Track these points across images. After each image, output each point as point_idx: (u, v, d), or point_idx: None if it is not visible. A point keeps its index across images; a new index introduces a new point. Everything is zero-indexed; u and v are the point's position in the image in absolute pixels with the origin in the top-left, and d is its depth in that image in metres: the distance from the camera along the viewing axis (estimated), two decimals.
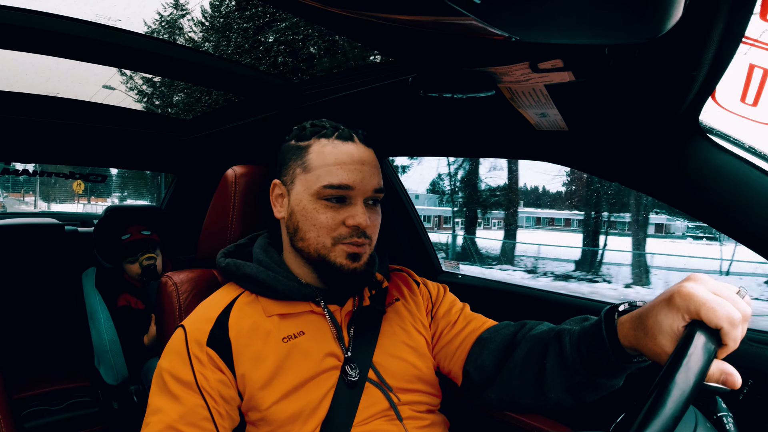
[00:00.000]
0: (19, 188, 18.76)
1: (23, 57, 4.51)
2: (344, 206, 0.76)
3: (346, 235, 0.76)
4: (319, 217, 0.75)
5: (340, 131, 0.78)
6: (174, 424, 0.68)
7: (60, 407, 1.61)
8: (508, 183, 13.56)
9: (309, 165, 0.77)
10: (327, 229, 0.75)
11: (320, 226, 0.75)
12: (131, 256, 1.79)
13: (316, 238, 0.76)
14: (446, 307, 0.91)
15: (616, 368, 0.62)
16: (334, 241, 0.76)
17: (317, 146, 0.77)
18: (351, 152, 0.77)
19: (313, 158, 0.77)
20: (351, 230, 0.76)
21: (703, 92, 0.74)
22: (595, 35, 0.53)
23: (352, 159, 0.76)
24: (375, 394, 0.78)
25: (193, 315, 0.78)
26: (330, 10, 0.55)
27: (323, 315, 0.80)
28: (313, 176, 0.76)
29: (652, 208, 12.49)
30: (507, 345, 0.78)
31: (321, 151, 0.76)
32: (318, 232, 0.76)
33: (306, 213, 0.76)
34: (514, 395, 0.75)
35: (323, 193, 0.75)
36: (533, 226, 22.66)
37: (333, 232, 0.76)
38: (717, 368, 0.49)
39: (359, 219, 0.75)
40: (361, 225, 0.75)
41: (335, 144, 0.77)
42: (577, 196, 14.56)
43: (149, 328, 1.67)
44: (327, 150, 0.76)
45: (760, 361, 0.89)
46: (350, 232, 0.76)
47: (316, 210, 0.76)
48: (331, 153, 0.76)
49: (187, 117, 8.34)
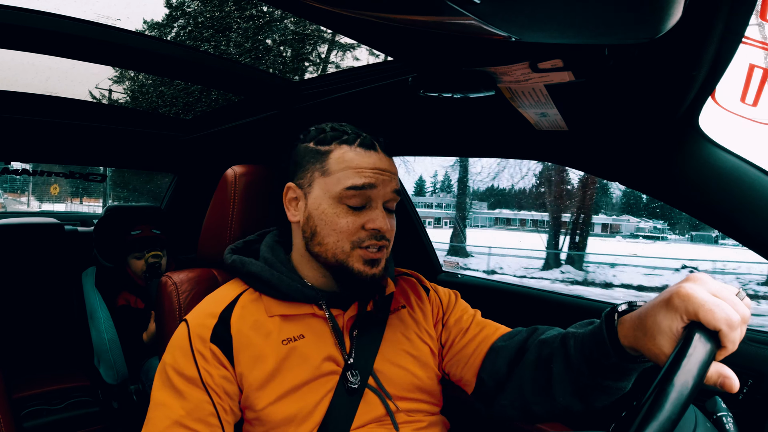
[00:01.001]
0: (17, 189, 18.81)
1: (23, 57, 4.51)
2: (364, 211, 0.76)
3: (365, 238, 0.75)
4: (340, 221, 0.75)
5: (362, 138, 0.78)
6: (181, 420, 0.68)
7: (60, 407, 1.61)
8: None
9: (329, 169, 0.76)
10: (347, 233, 0.75)
11: (340, 231, 0.75)
12: (138, 252, 1.79)
13: (336, 243, 0.75)
14: (458, 314, 0.89)
15: (620, 369, 0.62)
16: (353, 245, 0.75)
17: (338, 152, 0.76)
18: (373, 160, 0.76)
19: (334, 163, 0.76)
20: (370, 234, 0.75)
21: (703, 92, 0.74)
22: (595, 35, 0.53)
23: (374, 166, 0.76)
24: (373, 401, 0.77)
25: (196, 310, 0.77)
26: (330, 9, 0.55)
27: (325, 319, 0.79)
28: (333, 179, 0.75)
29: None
30: (519, 351, 0.78)
31: (342, 157, 0.76)
32: (338, 236, 0.75)
33: (326, 217, 0.75)
34: (525, 401, 0.75)
35: (345, 195, 0.74)
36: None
37: (352, 236, 0.75)
38: (715, 371, 0.49)
39: (380, 223, 0.75)
40: (381, 229, 0.75)
41: (357, 151, 0.76)
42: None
43: (148, 326, 1.68)
44: (349, 156, 0.76)
45: (759, 361, 0.89)
46: (369, 236, 0.75)
47: (337, 214, 0.75)
48: (353, 158, 0.75)
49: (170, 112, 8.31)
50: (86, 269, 1.89)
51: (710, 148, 0.84)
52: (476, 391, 0.83)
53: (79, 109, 1.62)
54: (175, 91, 8.73)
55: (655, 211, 17.32)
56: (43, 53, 1.08)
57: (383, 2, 0.48)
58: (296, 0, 0.68)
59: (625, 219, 19.32)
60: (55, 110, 1.58)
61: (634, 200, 17.75)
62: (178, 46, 1.14)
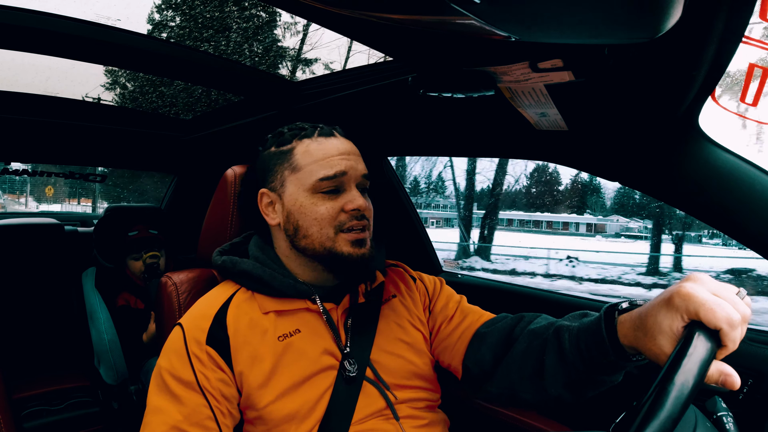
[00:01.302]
0: (15, 190, 18.86)
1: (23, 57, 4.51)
2: (340, 194, 0.78)
3: (346, 220, 0.77)
4: (319, 209, 0.77)
5: (320, 129, 0.81)
6: (178, 425, 0.67)
7: (60, 407, 1.61)
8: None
9: (297, 164, 0.79)
10: (329, 219, 0.77)
11: (321, 218, 0.77)
12: (136, 253, 1.79)
13: (320, 231, 0.77)
14: (443, 301, 0.91)
15: (616, 366, 0.63)
16: (336, 230, 0.77)
17: (301, 147, 0.79)
18: (336, 145, 0.79)
19: (300, 157, 0.79)
20: (350, 215, 0.77)
21: (703, 92, 0.74)
22: (594, 35, 0.53)
23: (339, 151, 0.79)
24: (372, 393, 0.78)
25: (190, 313, 0.77)
26: (330, 9, 0.55)
27: (319, 313, 0.80)
28: (304, 173, 0.78)
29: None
30: (505, 339, 0.79)
31: (307, 150, 0.79)
32: (320, 224, 0.77)
33: (305, 209, 0.77)
34: (514, 390, 0.76)
35: (319, 186, 0.77)
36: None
37: (334, 221, 0.77)
38: (716, 369, 0.49)
39: (358, 202, 0.77)
40: (361, 207, 0.77)
41: (319, 141, 0.80)
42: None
43: (148, 326, 1.67)
44: (313, 147, 0.79)
45: (759, 361, 0.89)
46: (350, 217, 0.77)
47: (314, 204, 0.77)
48: (317, 149, 0.78)
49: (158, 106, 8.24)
50: (86, 270, 1.89)
51: (710, 148, 0.84)
52: (464, 377, 0.84)
53: (79, 109, 1.62)
54: (174, 91, 8.75)
55: (641, 213, 18.15)
56: (43, 53, 1.08)
57: (383, 2, 0.48)
58: (296, 0, 0.68)
59: (614, 219, 20.26)
60: (56, 110, 1.57)
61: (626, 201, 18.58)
62: (179, 46, 1.14)
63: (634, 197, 18.03)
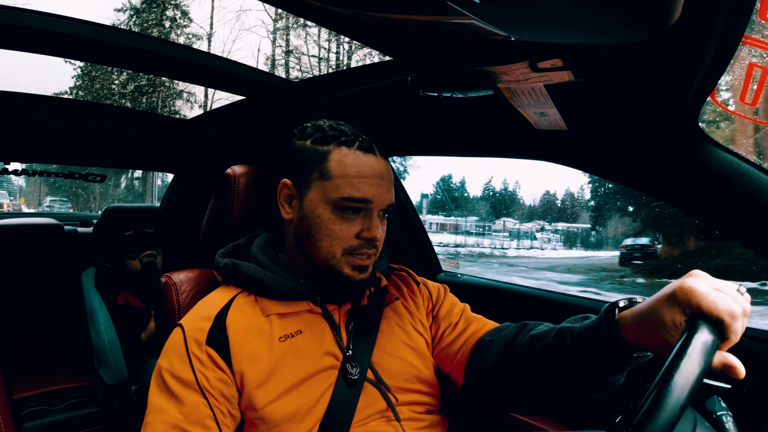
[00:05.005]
0: (12, 195, 18.96)
1: (23, 57, 4.50)
2: (359, 218, 0.76)
3: (357, 246, 0.76)
4: (335, 227, 0.75)
5: (360, 141, 0.78)
6: (178, 424, 0.68)
7: (60, 407, 1.61)
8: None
9: (329, 173, 0.76)
10: (341, 240, 0.76)
11: (334, 237, 0.75)
12: (132, 252, 1.80)
13: (328, 248, 0.76)
14: (447, 308, 0.91)
15: (619, 364, 0.63)
16: (344, 252, 0.76)
17: (337, 154, 0.76)
18: (372, 165, 0.77)
19: (334, 166, 0.76)
20: (363, 242, 0.76)
21: (703, 92, 0.74)
22: (594, 34, 0.53)
23: (373, 173, 0.76)
24: (373, 394, 0.78)
25: (191, 314, 0.77)
26: (330, 9, 0.55)
27: (321, 314, 0.80)
28: (332, 185, 0.75)
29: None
30: (508, 346, 0.78)
31: (342, 161, 0.76)
32: (331, 242, 0.76)
33: (321, 222, 0.76)
34: (516, 395, 0.76)
35: (342, 204, 0.75)
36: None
37: (345, 244, 0.76)
38: (720, 359, 0.50)
39: (375, 233, 0.76)
40: (376, 238, 0.76)
41: (357, 155, 0.76)
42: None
43: (147, 325, 1.68)
44: (348, 160, 0.76)
45: (759, 361, 0.89)
46: (362, 244, 0.76)
47: (332, 220, 0.75)
48: (352, 164, 0.75)
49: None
50: (86, 270, 1.89)
51: (710, 147, 0.84)
52: (465, 385, 0.84)
53: (79, 109, 1.62)
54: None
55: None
56: (43, 53, 1.08)
57: (383, 2, 0.48)
58: (296, 0, 0.68)
59: (538, 224, 22.08)
60: (55, 110, 1.57)
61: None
62: (179, 46, 1.14)
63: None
